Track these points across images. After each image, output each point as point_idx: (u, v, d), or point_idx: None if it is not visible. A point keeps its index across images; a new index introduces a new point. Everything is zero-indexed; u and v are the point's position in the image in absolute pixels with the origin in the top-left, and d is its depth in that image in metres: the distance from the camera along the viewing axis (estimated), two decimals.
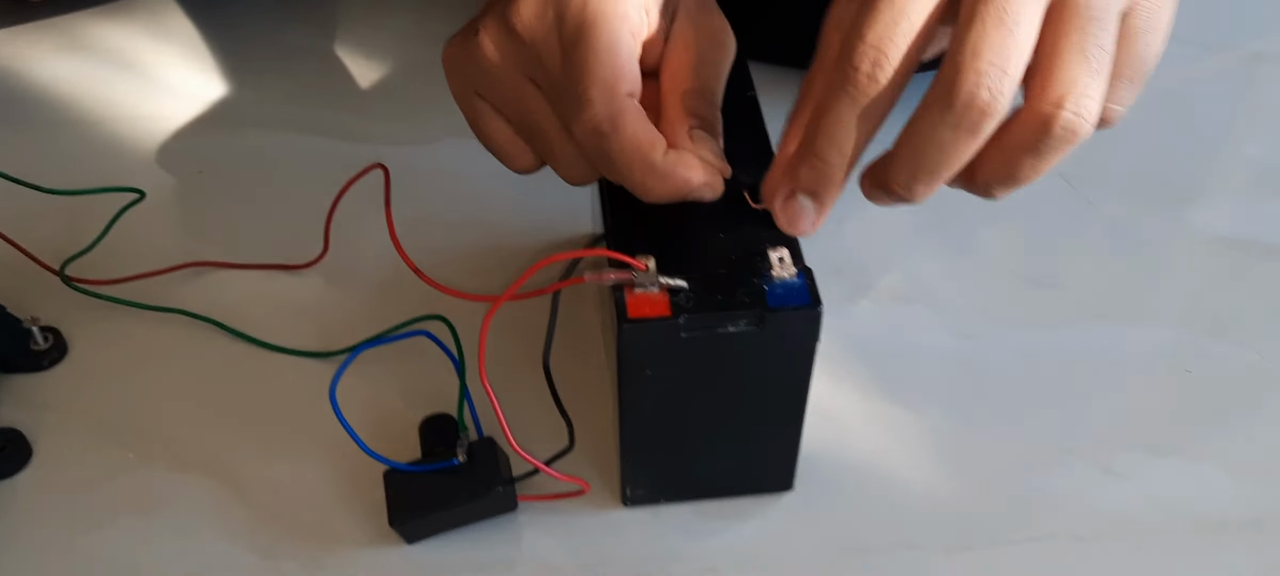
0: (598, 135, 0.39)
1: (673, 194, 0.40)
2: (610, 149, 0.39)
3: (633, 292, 0.41)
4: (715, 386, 0.44)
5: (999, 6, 0.32)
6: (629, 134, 0.39)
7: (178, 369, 0.54)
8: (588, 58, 0.39)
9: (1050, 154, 0.34)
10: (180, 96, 0.71)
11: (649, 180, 0.40)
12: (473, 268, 0.59)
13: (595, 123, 0.39)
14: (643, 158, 0.39)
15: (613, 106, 0.39)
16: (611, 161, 0.40)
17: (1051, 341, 0.56)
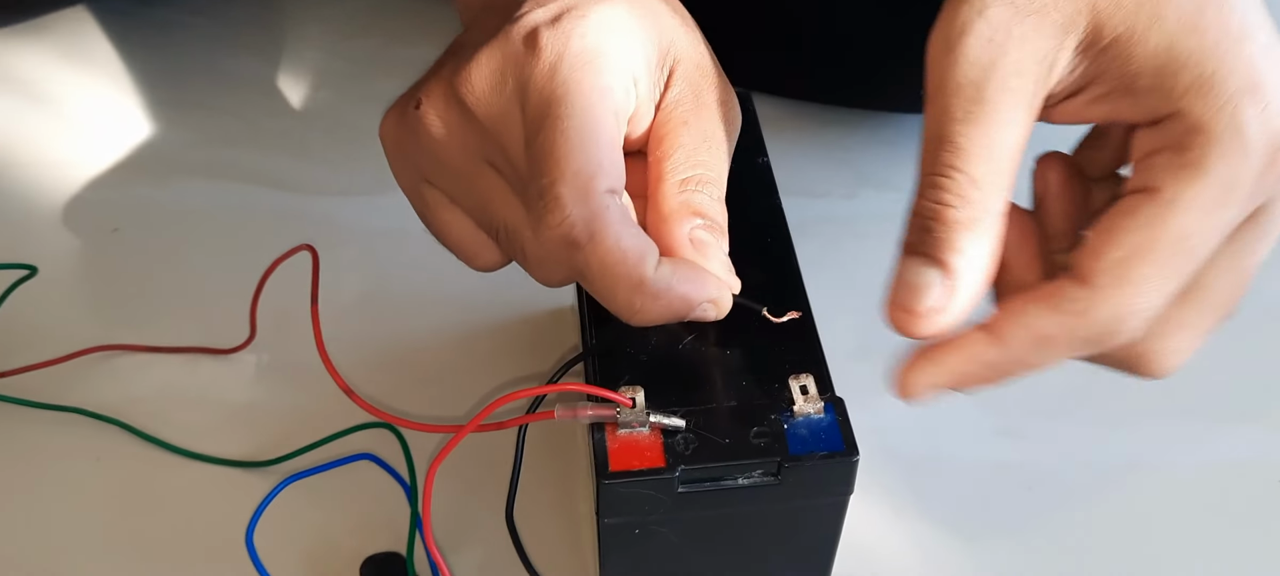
0: (569, 245, 0.30)
1: (666, 316, 0.32)
2: (587, 263, 0.31)
3: (616, 434, 0.33)
4: (720, 547, 0.35)
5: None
6: (610, 245, 0.30)
7: (74, 483, 0.46)
8: (557, 144, 0.30)
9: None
10: (97, 137, 0.62)
11: (636, 300, 0.31)
12: (430, 367, 0.50)
13: (566, 230, 0.30)
14: (629, 274, 0.31)
15: (588, 209, 0.30)
16: (588, 278, 0.31)
17: (1119, 442, 0.48)
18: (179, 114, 0.63)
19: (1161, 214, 0.28)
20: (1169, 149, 0.28)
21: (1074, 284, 0.29)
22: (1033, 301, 0.29)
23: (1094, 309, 0.28)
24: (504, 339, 0.51)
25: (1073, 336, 0.29)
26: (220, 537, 0.44)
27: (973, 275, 0.29)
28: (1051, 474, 0.47)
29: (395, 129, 0.35)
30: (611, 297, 0.31)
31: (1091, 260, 0.29)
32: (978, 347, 0.30)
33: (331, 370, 0.38)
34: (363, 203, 0.57)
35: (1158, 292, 0.28)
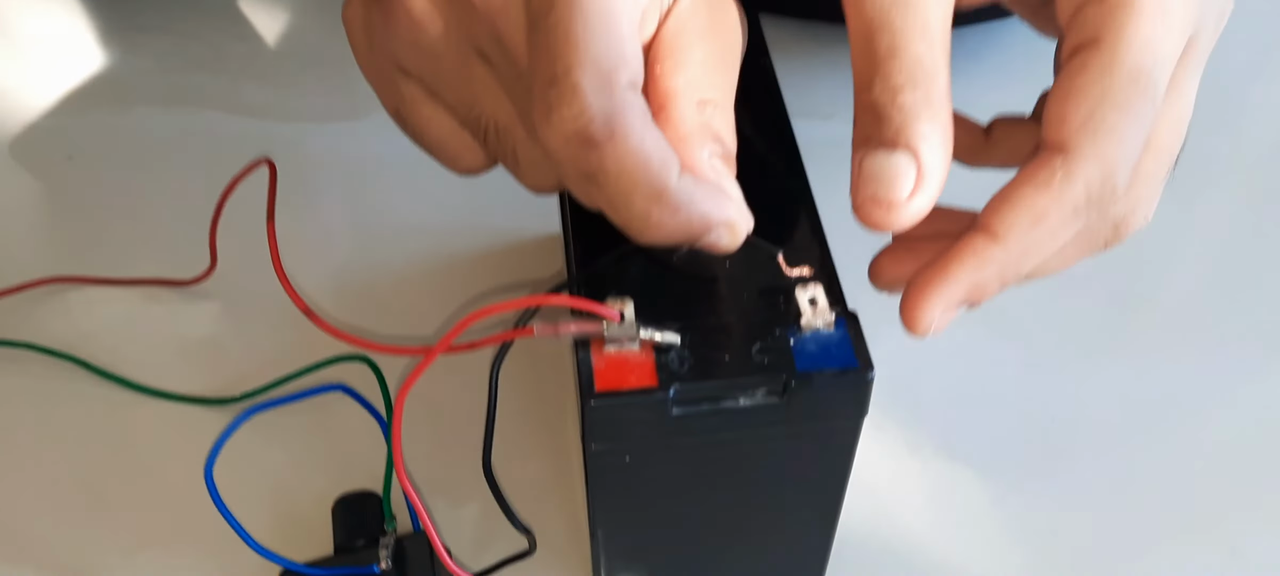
0: (584, 143, 0.26)
1: (679, 234, 0.28)
2: (602, 165, 0.26)
3: (603, 351, 0.29)
4: (720, 479, 0.32)
5: None
6: (632, 146, 0.26)
7: (24, 423, 0.43)
8: (573, 26, 0.26)
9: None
10: (51, 62, 0.58)
11: (654, 212, 0.27)
12: (405, 292, 0.47)
13: (583, 124, 0.26)
14: (650, 181, 0.26)
15: (610, 102, 0.26)
16: (601, 181, 0.27)
17: (1153, 378, 0.45)
18: (138, 38, 0.59)
19: (1109, 59, 0.28)
20: (1095, 0, 0.28)
21: (1052, 154, 0.28)
22: (1018, 186, 0.28)
23: (1078, 170, 0.28)
24: (485, 268, 0.47)
25: (1065, 205, 0.28)
26: (181, 478, 0.41)
27: (938, 155, 0.28)
28: (1079, 410, 0.43)
29: (365, 12, 0.31)
30: (625, 206, 0.27)
31: (1061, 127, 0.28)
32: (979, 249, 0.28)
33: (290, 291, 0.34)
34: (334, 129, 0.54)
35: (1132, 135, 0.28)
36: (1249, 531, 0.40)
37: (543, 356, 0.44)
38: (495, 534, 0.39)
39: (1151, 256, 0.49)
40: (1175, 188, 0.51)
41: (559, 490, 0.40)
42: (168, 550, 0.39)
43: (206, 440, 0.42)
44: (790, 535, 0.35)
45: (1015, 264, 0.29)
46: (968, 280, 0.28)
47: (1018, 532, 0.40)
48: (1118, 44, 0.28)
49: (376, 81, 0.32)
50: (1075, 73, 0.28)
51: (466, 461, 0.41)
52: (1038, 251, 0.29)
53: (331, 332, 0.35)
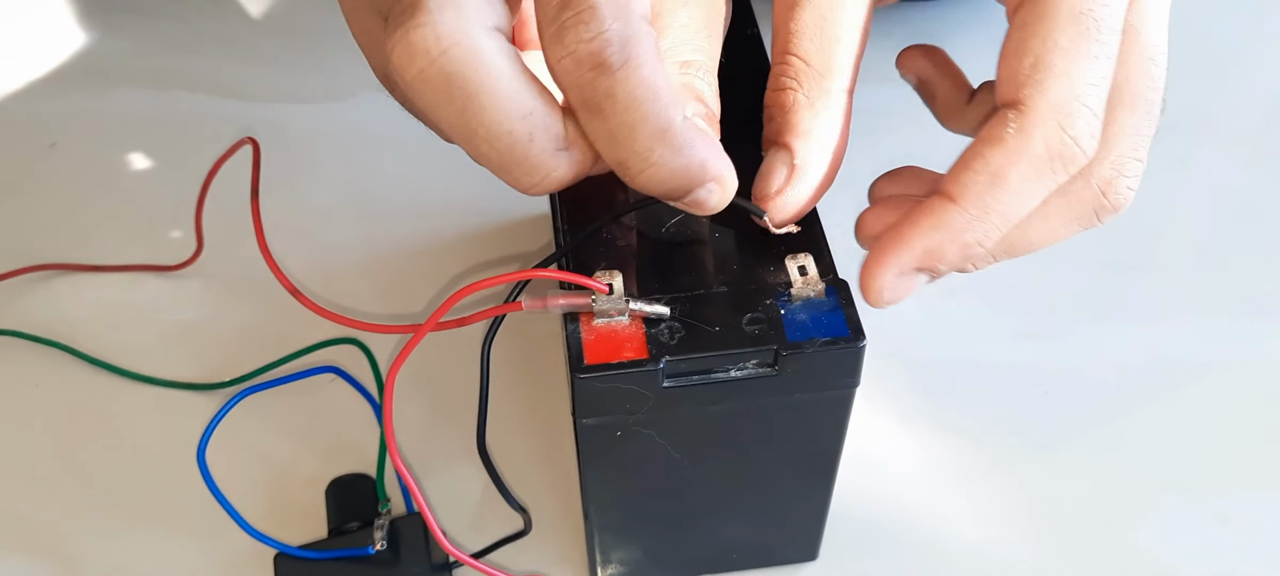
0: (597, 66, 0.25)
1: (678, 180, 0.27)
2: (612, 90, 0.25)
3: (592, 324, 0.29)
4: (712, 451, 0.31)
5: None
6: (645, 75, 0.25)
7: (12, 411, 0.43)
8: None
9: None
10: (32, 46, 0.57)
11: (656, 150, 0.26)
12: (394, 271, 0.46)
13: (598, 47, 0.25)
14: (658, 114, 0.26)
15: (628, 28, 0.25)
16: (607, 110, 0.26)
17: (1142, 342, 0.45)
18: (118, 20, 0.58)
19: (1047, 5, 0.27)
20: None
21: (1004, 110, 0.27)
22: (973, 146, 0.28)
23: (1030, 122, 0.27)
24: (474, 246, 0.47)
25: (1022, 159, 0.27)
26: (173, 464, 0.41)
27: (817, 153, 0.29)
28: (1073, 375, 0.43)
29: None
30: (629, 140, 0.26)
31: (1009, 83, 0.27)
32: (935, 210, 0.28)
33: (277, 271, 0.34)
34: (318, 109, 0.53)
35: (1082, 77, 0.27)
36: (1240, 496, 0.40)
37: (536, 334, 0.44)
38: (491, 513, 0.39)
39: (1144, 223, 0.48)
40: (1169, 152, 0.51)
41: (554, 468, 0.40)
42: (160, 535, 0.39)
43: (197, 426, 0.41)
44: (784, 506, 0.35)
45: (975, 226, 0.27)
46: (922, 244, 0.28)
47: (1012, 500, 0.40)
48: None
49: (365, 39, 0.31)
50: (1016, 28, 0.27)
51: (461, 441, 0.41)
52: (1000, 211, 0.27)
53: (319, 312, 0.35)
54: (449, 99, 0.25)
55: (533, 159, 0.26)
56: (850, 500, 0.39)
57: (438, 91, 0.25)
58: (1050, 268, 0.46)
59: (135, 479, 0.40)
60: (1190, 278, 0.47)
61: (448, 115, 0.25)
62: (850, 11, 0.29)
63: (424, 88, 0.25)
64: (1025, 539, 0.39)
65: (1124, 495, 0.40)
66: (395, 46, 0.24)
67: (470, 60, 0.24)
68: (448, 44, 0.24)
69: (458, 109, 0.25)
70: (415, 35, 0.24)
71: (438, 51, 0.24)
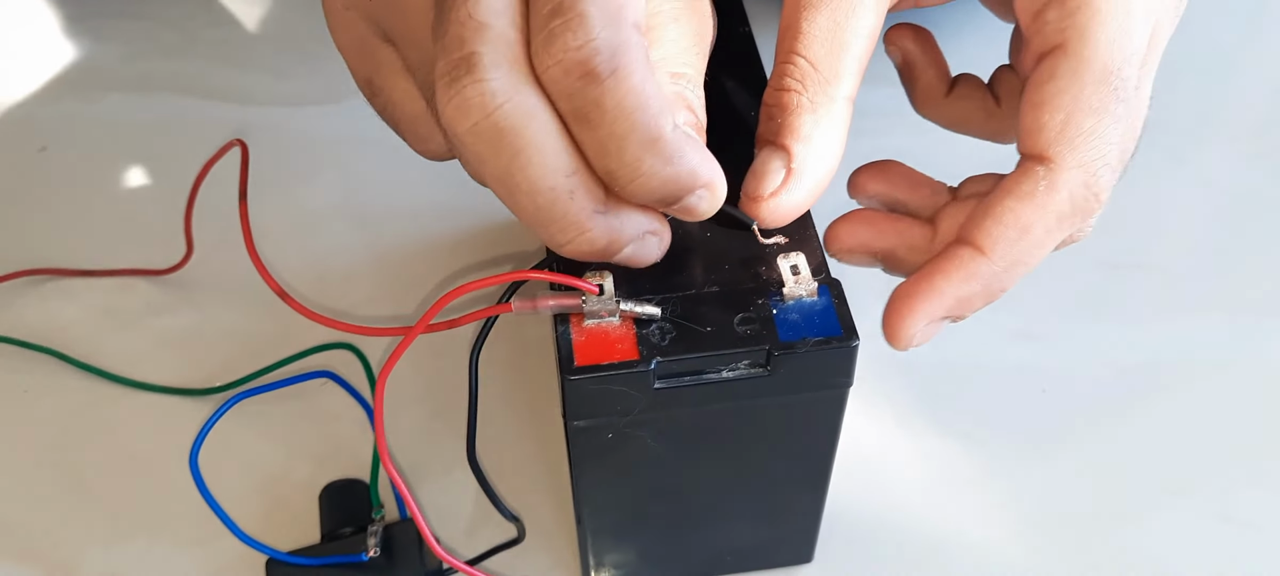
0: (586, 75, 0.25)
1: (668, 188, 0.27)
2: (601, 100, 0.25)
3: (582, 326, 0.29)
4: (706, 452, 0.31)
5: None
6: (635, 84, 0.25)
7: (2, 416, 0.42)
8: None
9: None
10: (21, 51, 0.57)
11: (646, 160, 0.26)
12: (386, 275, 0.46)
13: (587, 55, 0.25)
14: (648, 124, 0.25)
15: (618, 36, 0.25)
16: (596, 120, 0.26)
17: (1141, 340, 0.44)
18: (108, 24, 0.58)
19: (1078, 65, 0.28)
20: (1056, 2, 0.28)
21: (1032, 165, 0.28)
22: (1001, 198, 0.28)
23: (1061, 179, 0.28)
24: (465, 249, 0.47)
25: (1048, 214, 0.28)
26: (165, 469, 0.40)
27: (814, 159, 0.28)
28: (1070, 376, 0.43)
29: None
30: (618, 150, 0.26)
31: (1037, 136, 0.28)
32: (966, 263, 0.28)
33: (265, 275, 0.34)
34: (309, 113, 0.53)
35: (1110, 137, 0.28)
36: (1240, 495, 0.39)
37: (530, 338, 0.44)
38: (485, 518, 0.39)
39: (1141, 223, 0.48)
40: (1167, 152, 0.51)
41: (548, 474, 0.40)
42: (152, 541, 0.39)
43: (188, 431, 0.41)
44: (779, 507, 0.35)
45: (1002, 277, 0.28)
46: (953, 294, 0.29)
47: (1009, 501, 0.39)
48: (1083, 47, 0.27)
49: (351, 47, 0.31)
50: (1045, 80, 0.28)
51: (455, 445, 0.40)
52: (1026, 262, 0.29)
53: (309, 316, 0.34)
54: (497, 153, 0.25)
55: (571, 216, 0.26)
56: (846, 502, 0.39)
57: (488, 145, 0.25)
58: (1048, 268, 0.46)
59: (127, 485, 0.40)
60: (1188, 277, 0.46)
61: (493, 168, 0.25)
62: (863, 20, 0.29)
63: (475, 141, 0.25)
64: (1023, 539, 0.38)
65: (1122, 495, 0.40)
66: (450, 100, 0.25)
67: (523, 118, 0.25)
68: (502, 100, 0.24)
69: (505, 163, 0.25)
70: (471, 91, 0.24)
71: (493, 108, 0.24)
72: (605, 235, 0.27)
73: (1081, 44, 0.27)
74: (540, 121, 0.25)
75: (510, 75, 0.25)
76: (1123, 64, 0.28)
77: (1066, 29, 0.28)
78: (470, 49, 0.24)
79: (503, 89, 0.24)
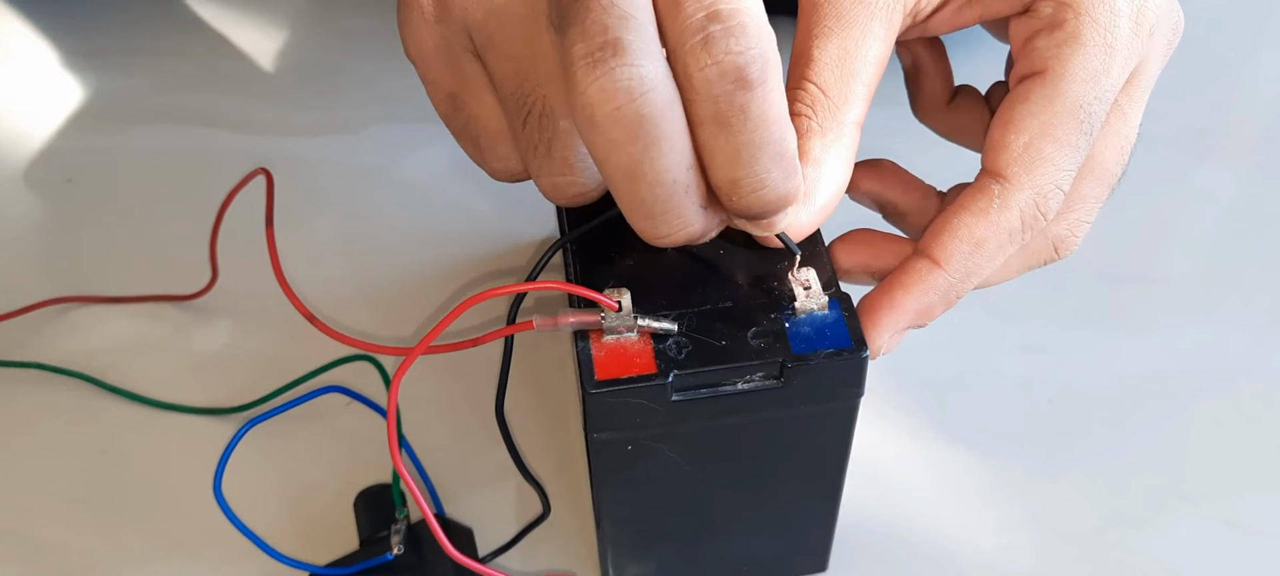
0: (739, 79, 0.25)
1: (782, 202, 0.28)
2: (747, 106, 0.26)
3: (602, 341, 0.30)
4: (722, 462, 0.32)
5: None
6: (778, 96, 0.26)
7: (37, 440, 0.43)
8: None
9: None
10: (50, 88, 0.58)
11: (774, 171, 0.27)
12: (404, 296, 0.47)
13: (746, 61, 0.25)
14: (782, 136, 0.26)
15: (770, 50, 0.26)
16: (738, 126, 0.26)
17: (1145, 350, 0.45)
18: (134, 60, 0.59)
19: (1052, 91, 0.29)
20: (1044, 29, 0.29)
21: (989, 181, 0.30)
22: (955, 212, 0.30)
23: (1012, 197, 0.29)
24: (480, 271, 0.48)
25: (1000, 230, 0.30)
26: (198, 489, 0.41)
27: (824, 181, 0.30)
28: (1076, 386, 0.44)
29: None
30: (751, 158, 0.26)
31: (999, 154, 0.29)
32: (923, 276, 0.30)
33: (291, 296, 0.35)
34: (329, 142, 0.54)
35: (1067, 165, 0.29)
36: (1247, 500, 0.40)
37: (553, 355, 0.45)
38: (517, 515, 0.40)
39: (1143, 235, 0.49)
40: (1167, 165, 0.52)
41: (569, 471, 0.41)
42: (187, 562, 0.39)
43: (217, 450, 0.42)
44: (794, 516, 0.35)
45: (958, 286, 0.31)
46: (914, 306, 0.31)
47: (1019, 510, 0.40)
48: (1061, 78, 0.29)
49: (434, 60, 0.30)
50: (1018, 101, 0.30)
51: (484, 450, 0.42)
52: (979, 272, 0.30)
53: (333, 336, 0.35)
54: (634, 138, 0.25)
55: (683, 210, 0.27)
56: (859, 511, 0.39)
57: (625, 131, 0.25)
58: (1052, 282, 0.47)
59: (162, 505, 0.41)
60: (1190, 288, 0.47)
61: (624, 155, 0.26)
62: (873, 49, 0.30)
63: (612, 126, 0.25)
64: (1034, 548, 0.39)
65: (1131, 503, 0.40)
66: (595, 81, 0.25)
67: (665, 106, 0.25)
68: (650, 87, 0.25)
69: (639, 149, 0.26)
70: (621, 74, 0.25)
71: (640, 93, 0.25)
72: (701, 229, 0.28)
73: (1059, 73, 0.29)
74: (677, 115, 0.26)
75: (655, 63, 0.25)
76: (1094, 100, 0.29)
77: (1050, 58, 0.29)
78: (616, 34, 0.25)
79: (651, 75, 0.25)
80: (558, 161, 0.29)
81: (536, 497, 0.37)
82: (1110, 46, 0.29)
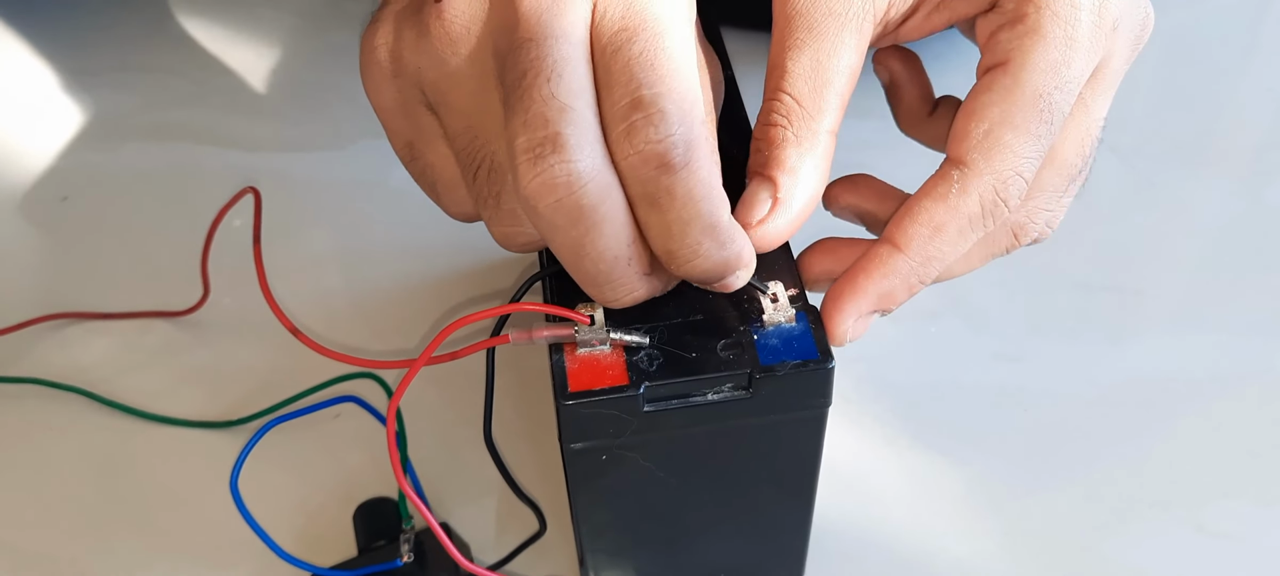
0: (662, 165, 0.27)
1: (717, 269, 0.29)
2: (672, 188, 0.27)
3: (576, 354, 0.31)
4: (695, 471, 0.33)
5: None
6: (704, 175, 0.28)
7: (36, 454, 0.44)
8: (659, 59, 0.28)
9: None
10: (43, 107, 0.60)
11: (705, 243, 0.28)
12: (394, 309, 0.48)
13: (665, 148, 0.27)
14: (710, 211, 0.28)
15: (690, 131, 0.27)
16: (665, 205, 0.28)
17: (1118, 360, 0.46)
18: (126, 78, 0.60)
19: (1013, 81, 0.30)
20: (1007, 24, 0.30)
21: (950, 167, 0.30)
22: (919, 199, 0.31)
23: (972, 183, 0.30)
24: (467, 282, 0.49)
25: (961, 215, 0.30)
26: (195, 499, 0.42)
27: (799, 189, 0.30)
28: (1049, 394, 0.45)
29: (395, 32, 0.31)
30: (681, 233, 0.28)
31: (961, 142, 0.30)
32: (884, 260, 0.31)
33: (279, 314, 0.36)
34: (319, 157, 0.55)
35: (1026, 154, 0.30)
36: (1216, 505, 0.41)
37: (540, 357, 0.46)
38: (511, 526, 0.41)
39: (1116, 246, 0.50)
40: (1139, 176, 0.53)
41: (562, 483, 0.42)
42: (187, 568, 0.40)
43: (211, 460, 0.43)
44: (768, 524, 0.36)
45: (919, 271, 0.31)
46: (875, 290, 0.31)
47: (993, 515, 0.41)
48: (1022, 68, 0.30)
49: (393, 111, 0.32)
50: (981, 91, 0.30)
51: (476, 461, 0.42)
52: (940, 258, 0.31)
53: (320, 351, 0.36)
54: (575, 224, 0.27)
55: (627, 279, 0.29)
56: (835, 520, 0.40)
57: (565, 218, 0.27)
58: (1028, 292, 0.48)
59: (158, 515, 0.42)
60: (1161, 299, 0.48)
61: (565, 237, 0.27)
62: (845, 59, 0.31)
63: (553, 214, 0.27)
64: (1007, 554, 0.40)
65: (1103, 509, 0.41)
66: (536, 176, 0.26)
67: (601, 195, 0.27)
68: (587, 180, 0.26)
69: (580, 233, 0.27)
70: (559, 170, 0.26)
71: (578, 186, 0.26)
72: (648, 292, 0.29)
73: (1021, 64, 0.30)
74: (613, 199, 0.27)
75: (592, 156, 0.27)
76: (1054, 90, 0.30)
77: (1012, 48, 0.30)
78: (556, 128, 0.26)
79: (588, 170, 0.26)
80: (506, 213, 0.30)
81: (530, 511, 0.38)
82: (1071, 39, 0.30)
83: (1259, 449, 0.43)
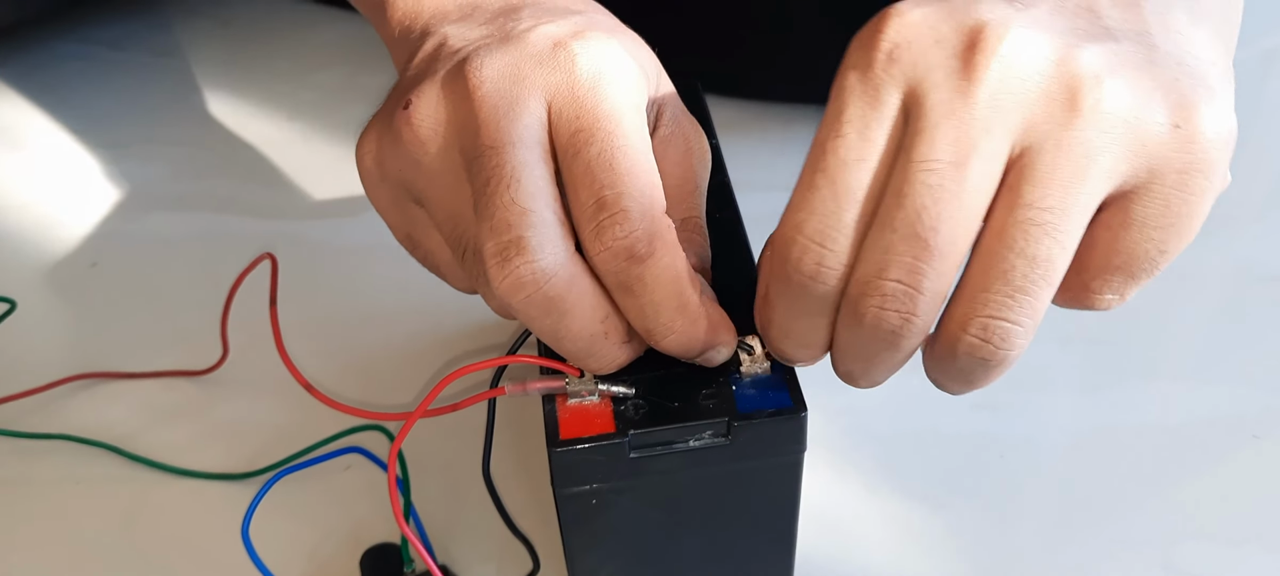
0: (630, 258, 0.30)
1: (694, 344, 0.32)
2: (642, 277, 0.30)
3: (566, 404, 0.33)
4: (679, 514, 0.35)
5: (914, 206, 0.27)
6: (669, 261, 0.30)
7: (65, 506, 0.47)
8: (617, 158, 0.30)
9: (967, 377, 0.31)
10: (74, 177, 0.63)
11: (677, 321, 0.31)
12: (401, 364, 0.51)
13: (631, 242, 0.30)
14: (679, 293, 0.31)
15: (652, 224, 0.30)
16: (638, 291, 0.31)
17: (1092, 408, 0.48)
18: (152, 150, 0.64)
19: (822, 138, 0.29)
20: None
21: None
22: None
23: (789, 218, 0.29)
24: (469, 339, 0.51)
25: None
26: (214, 548, 0.44)
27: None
28: (1026, 442, 0.47)
29: (377, 143, 0.34)
30: (655, 314, 0.31)
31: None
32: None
33: (294, 372, 0.38)
34: (333, 224, 0.58)
35: (818, 205, 0.29)
36: (1184, 546, 0.43)
37: (536, 406, 0.48)
38: (509, 566, 0.42)
39: None
40: None
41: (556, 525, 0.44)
42: None
43: (233, 512, 0.45)
44: (752, 566, 0.38)
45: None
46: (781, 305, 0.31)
47: (969, 559, 0.43)
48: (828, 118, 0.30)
49: (388, 209, 0.35)
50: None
51: (471, 505, 0.44)
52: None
53: (334, 406, 0.39)
54: (546, 314, 0.30)
55: (606, 352, 0.32)
56: (819, 564, 0.42)
57: (539, 309, 0.30)
58: None
59: (182, 564, 0.44)
60: (1133, 349, 0.50)
61: (542, 325, 0.31)
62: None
63: (526, 308, 0.30)
64: None
65: (1076, 551, 0.43)
66: (505, 278, 0.29)
67: (567, 285, 0.30)
68: (551, 275, 0.29)
69: (553, 320, 0.30)
70: (524, 271, 0.29)
71: (544, 281, 0.29)
72: (628, 357, 0.32)
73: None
74: (581, 285, 0.30)
75: (554, 253, 0.29)
76: (837, 145, 0.29)
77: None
78: (518, 232, 0.29)
79: (550, 266, 0.29)
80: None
81: (526, 553, 0.40)
82: (844, 74, 0.30)
83: (1229, 493, 0.44)
